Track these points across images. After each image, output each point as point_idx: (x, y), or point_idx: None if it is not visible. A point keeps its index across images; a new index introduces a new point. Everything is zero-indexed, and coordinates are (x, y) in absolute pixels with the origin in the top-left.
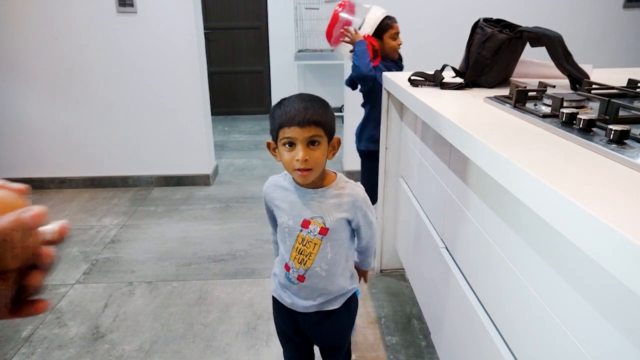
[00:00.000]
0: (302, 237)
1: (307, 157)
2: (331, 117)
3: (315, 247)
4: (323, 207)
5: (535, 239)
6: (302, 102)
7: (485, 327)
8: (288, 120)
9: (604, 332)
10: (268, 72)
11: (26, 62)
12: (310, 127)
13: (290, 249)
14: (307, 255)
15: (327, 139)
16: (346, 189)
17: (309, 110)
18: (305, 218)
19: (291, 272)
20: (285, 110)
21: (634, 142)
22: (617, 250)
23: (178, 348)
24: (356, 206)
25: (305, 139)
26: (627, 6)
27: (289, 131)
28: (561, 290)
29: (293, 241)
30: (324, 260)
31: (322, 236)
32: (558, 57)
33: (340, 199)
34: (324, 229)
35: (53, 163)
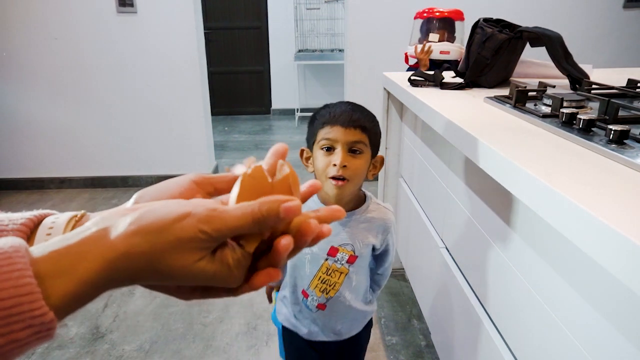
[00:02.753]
0: (327, 266)
1: (346, 163)
2: (379, 130)
3: (341, 276)
4: (354, 232)
5: (535, 238)
6: (350, 105)
7: (485, 327)
8: (331, 120)
9: (604, 332)
10: (268, 72)
11: (26, 62)
12: (356, 131)
13: (310, 277)
14: (331, 285)
15: (371, 153)
16: (378, 213)
17: (356, 113)
18: (333, 245)
19: (310, 299)
20: (330, 110)
21: (634, 142)
22: (617, 250)
23: (178, 348)
24: (387, 232)
25: (347, 143)
26: (627, 6)
27: (331, 131)
28: (561, 290)
29: (315, 270)
30: (348, 289)
31: (350, 265)
32: (558, 57)
33: (371, 224)
34: (353, 257)
35: (53, 163)
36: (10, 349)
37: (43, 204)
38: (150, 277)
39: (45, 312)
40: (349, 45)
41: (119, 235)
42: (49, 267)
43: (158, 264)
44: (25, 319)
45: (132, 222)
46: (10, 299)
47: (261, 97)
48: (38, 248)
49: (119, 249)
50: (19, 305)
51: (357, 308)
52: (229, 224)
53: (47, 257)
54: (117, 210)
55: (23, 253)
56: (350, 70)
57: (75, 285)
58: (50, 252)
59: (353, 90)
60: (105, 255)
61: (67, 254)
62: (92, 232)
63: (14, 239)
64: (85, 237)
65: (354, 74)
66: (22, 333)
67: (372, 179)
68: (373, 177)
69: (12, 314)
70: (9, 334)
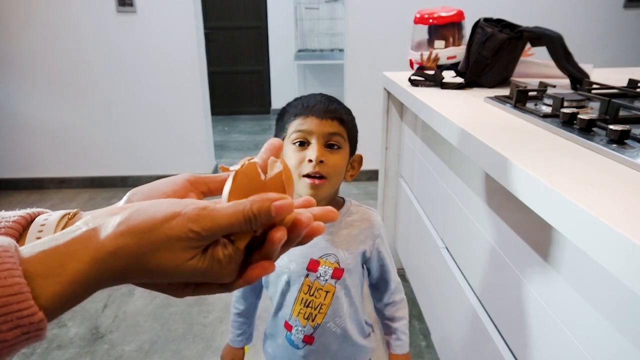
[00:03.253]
0: (309, 283)
1: (323, 158)
2: (356, 126)
3: (328, 296)
4: (335, 240)
5: (536, 238)
6: (325, 96)
7: (485, 327)
8: (304, 110)
9: (604, 332)
10: (268, 72)
11: (26, 62)
12: (333, 122)
13: (292, 302)
14: (316, 307)
15: (349, 149)
16: (361, 214)
17: (333, 103)
18: (312, 257)
19: (294, 332)
20: (303, 101)
21: (634, 142)
22: (617, 250)
23: (178, 348)
24: (375, 234)
25: (323, 135)
26: (627, 6)
27: (304, 122)
28: (561, 290)
29: (296, 291)
30: (338, 314)
31: (336, 280)
32: (558, 56)
33: (354, 228)
34: (339, 270)
35: (53, 163)
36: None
37: (43, 204)
38: (140, 276)
39: (35, 312)
40: (349, 45)
41: (108, 235)
42: (37, 267)
43: (147, 263)
44: (13, 319)
45: (121, 222)
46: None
47: (261, 97)
48: (27, 248)
49: (108, 248)
50: (7, 305)
51: (353, 340)
52: (220, 223)
53: (36, 257)
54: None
55: (12, 253)
56: (350, 70)
57: (64, 285)
58: (39, 252)
59: (353, 90)
60: (94, 255)
61: (55, 254)
62: (81, 232)
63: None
64: (74, 237)
65: (354, 74)
66: (10, 333)
67: (350, 180)
68: (351, 179)
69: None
70: None
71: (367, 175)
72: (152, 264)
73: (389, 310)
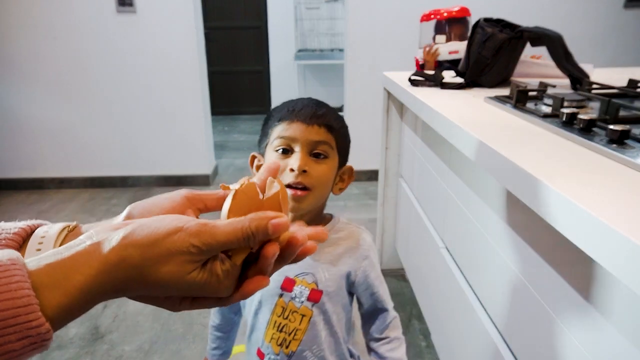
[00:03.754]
0: (283, 305)
1: (306, 167)
2: (348, 135)
3: (303, 320)
4: (316, 258)
5: (535, 238)
6: (315, 100)
7: (485, 327)
8: (290, 115)
9: (604, 332)
10: (268, 71)
11: (26, 62)
12: (320, 129)
13: (264, 326)
14: (290, 333)
15: (338, 160)
16: (348, 232)
17: (321, 108)
18: (287, 276)
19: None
20: (289, 105)
21: (635, 142)
22: (617, 250)
23: (178, 348)
24: (362, 255)
25: (308, 143)
26: (627, 6)
27: (289, 128)
28: (561, 291)
29: (269, 313)
30: (315, 342)
31: (313, 303)
32: (558, 56)
33: (338, 247)
34: (316, 292)
35: (53, 163)
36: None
37: (43, 204)
38: (141, 288)
39: (42, 324)
40: (349, 45)
41: (112, 247)
42: (44, 280)
43: (149, 275)
44: (22, 329)
45: (125, 236)
46: (8, 310)
47: (261, 97)
48: (33, 261)
49: (112, 260)
50: (16, 316)
51: None
52: (219, 239)
53: (42, 270)
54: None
55: (20, 265)
56: (350, 70)
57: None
58: (45, 265)
59: (353, 90)
60: (98, 267)
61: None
62: (85, 245)
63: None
64: (78, 251)
65: (354, 74)
66: (19, 344)
67: (338, 193)
68: (340, 192)
69: (9, 325)
70: (5, 344)
71: (367, 175)
72: (154, 276)
73: (382, 349)
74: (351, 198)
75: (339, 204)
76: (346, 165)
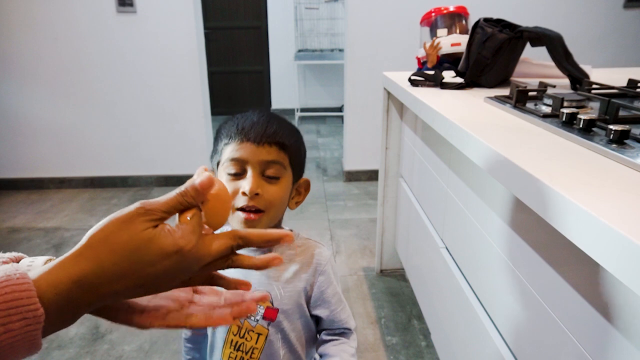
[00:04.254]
0: (239, 323)
1: (258, 190)
2: (303, 147)
3: (260, 339)
4: (270, 274)
5: (535, 238)
6: (265, 115)
7: (485, 327)
8: (239, 133)
9: (604, 332)
10: (268, 72)
11: (26, 62)
12: (271, 148)
13: (221, 344)
14: (247, 352)
15: (292, 176)
16: (305, 248)
17: (272, 125)
18: None
19: None
20: (238, 121)
21: (634, 142)
22: (617, 250)
23: (178, 348)
24: (318, 271)
25: (260, 164)
26: (627, 6)
27: (239, 149)
28: (561, 290)
29: (224, 331)
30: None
31: (269, 322)
32: (558, 57)
33: (295, 262)
34: (271, 311)
35: (53, 163)
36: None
37: (43, 204)
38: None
39: (38, 307)
40: (349, 45)
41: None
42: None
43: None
44: (22, 311)
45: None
46: (14, 292)
47: (261, 97)
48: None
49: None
50: (19, 299)
51: None
52: (161, 202)
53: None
54: None
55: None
56: (350, 70)
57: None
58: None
59: (353, 90)
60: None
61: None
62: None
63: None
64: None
65: (354, 74)
66: (18, 324)
67: (294, 207)
68: (297, 206)
69: (13, 307)
70: (8, 324)
71: (367, 175)
72: (116, 241)
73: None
74: (351, 198)
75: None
76: (302, 178)
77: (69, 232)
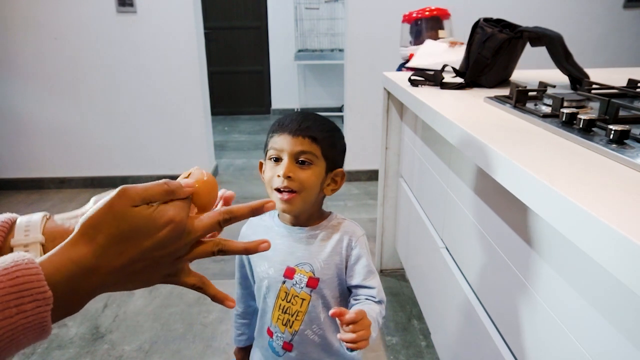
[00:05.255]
0: (286, 290)
1: (290, 174)
2: (338, 142)
3: (304, 303)
4: (312, 250)
5: (535, 238)
6: (304, 114)
7: (485, 327)
8: (279, 128)
9: (604, 332)
10: (268, 72)
11: (26, 62)
12: (304, 140)
13: (271, 308)
14: (293, 314)
15: (325, 165)
16: (342, 227)
17: (308, 121)
18: (289, 265)
19: (275, 338)
20: (281, 119)
21: (634, 142)
22: (617, 250)
23: (178, 348)
24: (351, 246)
25: (294, 153)
26: (627, 6)
27: (278, 140)
28: (561, 290)
29: (274, 297)
30: (315, 322)
31: (312, 289)
32: (558, 56)
33: (331, 240)
34: (313, 280)
35: (53, 163)
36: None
37: (43, 204)
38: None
39: (47, 290)
40: (349, 45)
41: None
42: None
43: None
44: (32, 293)
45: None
46: (23, 277)
47: (261, 97)
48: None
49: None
50: (29, 282)
51: (335, 350)
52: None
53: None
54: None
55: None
56: (350, 70)
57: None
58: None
59: (353, 90)
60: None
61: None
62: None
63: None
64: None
65: (354, 74)
66: (30, 305)
67: (330, 194)
68: (332, 192)
69: (25, 289)
70: (21, 305)
71: (367, 175)
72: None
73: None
74: (351, 198)
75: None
76: (338, 169)
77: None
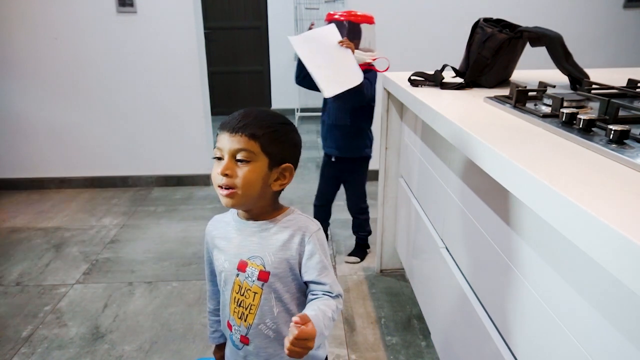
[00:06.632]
0: (239, 283)
1: (228, 171)
2: (283, 137)
3: (256, 297)
4: (263, 243)
5: (535, 238)
6: (245, 112)
7: (485, 327)
8: (221, 127)
9: (604, 332)
10: (268, 72)
11: (26, 62)
12: (241, 138)
13: (229, 301)
14: (246, 307)
15: (268, 161)
16: (296, 222)
17: (247, 118)
18: (241, 258)
19: (234, 332)
20: (226, 118)
21: (634, 142)
22: (617, 250)
23: (178, 348)
24: (305, 241)
25: (232, 151)
26: (627, 6)
27: (220, 139)
28: (561, 290)
29: (230, 290)
30: (268, 316)
31: (263, 283)
32: (558, 57)
33: (283, 234)
34: (264, 273)
35: (53, 163)
36: None
37: (43, 204)
38: None
39: None
40: None
41: None
42: None
43: None
44: None
45: None
46: None
47: (261, 97)
48: None
49: None
50: None
51: None
52: None
53: None
54: None
55: None
56: None
57: None
58: None
59: None
60: None
61: None
62: None
63: None
64: None
65: None
66: None
67: (279, 189)
68: (282, 187)
69: None
70: None
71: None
72: None
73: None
74: None
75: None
76: (285, 164)
77: (69, 232)
